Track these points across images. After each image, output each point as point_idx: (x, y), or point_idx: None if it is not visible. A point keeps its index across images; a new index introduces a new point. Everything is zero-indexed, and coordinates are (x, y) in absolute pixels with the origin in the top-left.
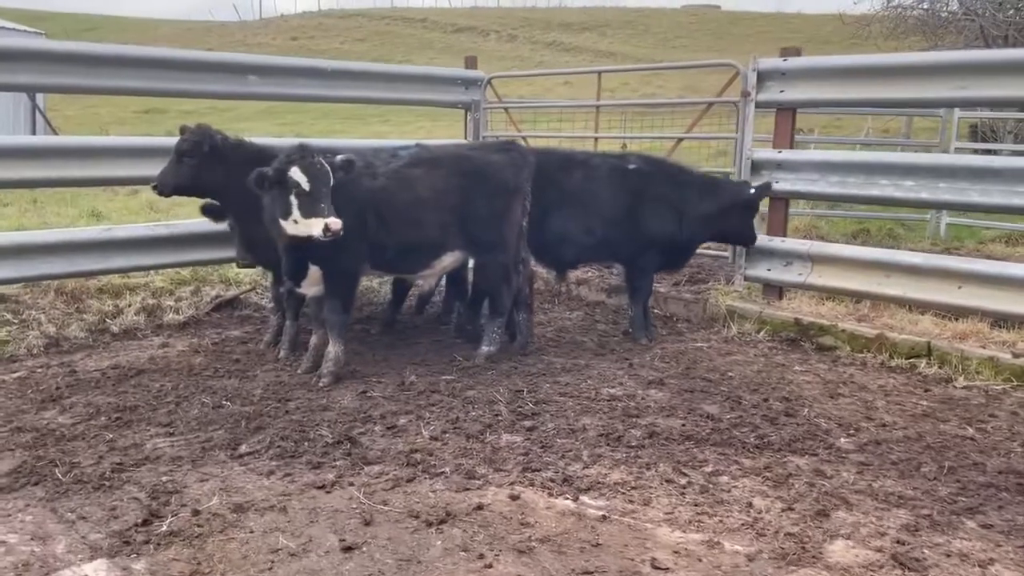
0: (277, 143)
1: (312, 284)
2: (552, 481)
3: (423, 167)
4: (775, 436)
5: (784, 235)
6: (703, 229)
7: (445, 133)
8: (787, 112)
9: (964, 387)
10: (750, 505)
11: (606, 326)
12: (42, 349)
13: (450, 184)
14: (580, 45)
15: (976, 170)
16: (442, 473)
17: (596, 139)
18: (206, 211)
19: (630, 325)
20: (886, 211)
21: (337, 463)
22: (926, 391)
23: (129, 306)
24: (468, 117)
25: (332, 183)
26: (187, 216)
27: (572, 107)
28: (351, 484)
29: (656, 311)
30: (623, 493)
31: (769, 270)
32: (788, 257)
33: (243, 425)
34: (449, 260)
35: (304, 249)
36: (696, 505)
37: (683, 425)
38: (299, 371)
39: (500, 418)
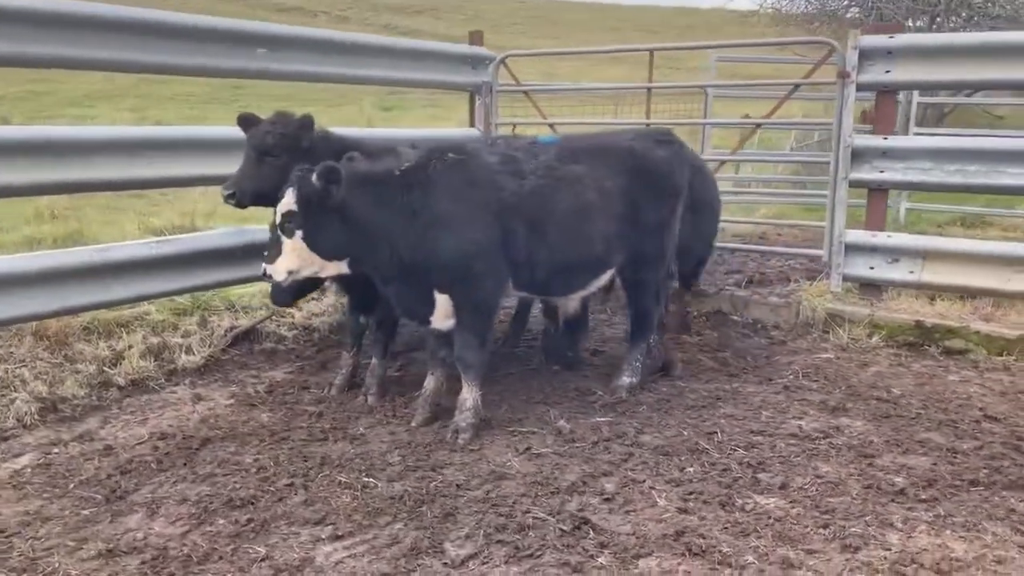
0: (358, 133)
1: (444, 317)
2: (900, 564)
3: (583, 162)
4: None
5: (883, 230)
6: None
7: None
8: (890, 95)
9: None
10: None
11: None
12: (37, 417)
13: (618, 185)
14: (418, 28)
15: None
16: (747, 565)
17: (648, 126)
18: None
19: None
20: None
21: (598, 559)
22: None
23: (130, 348)
24: (477, 102)
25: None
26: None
27: (613, 90)
28: None
29: (735, 317)
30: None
31: (872, 268)
32: (894, 253)
33: (425, 512)
34: (606, 279)
35: (424, 273)
36: None
37: (935, 465)
38: (414, 423)
39: (730, 473)
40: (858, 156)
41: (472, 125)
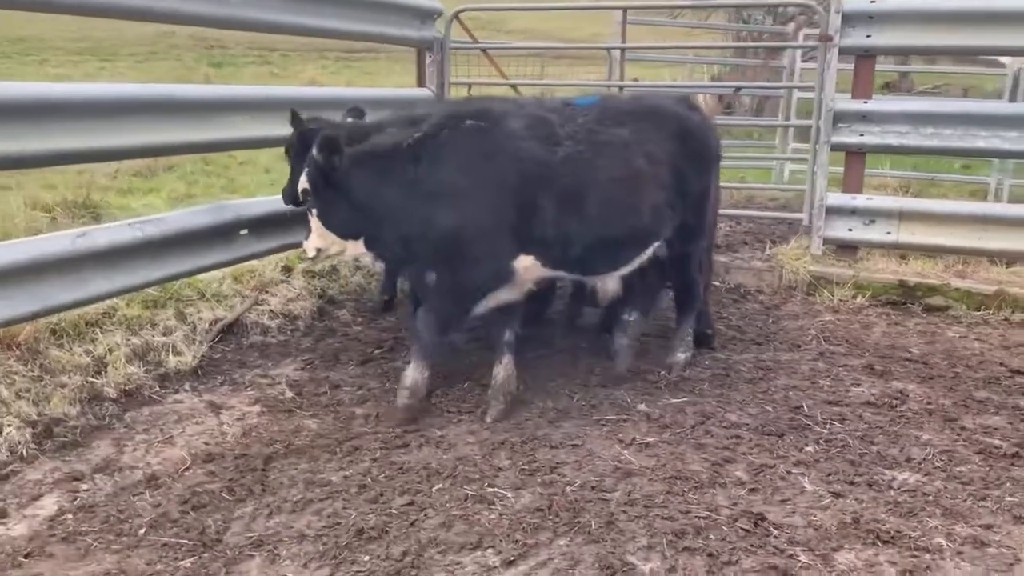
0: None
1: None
2: None
3: (628, 125)
4: None
5: (860, 192)
6: None
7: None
8: (869, 60)
9: None
10: None
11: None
12: (33, 446)
13: (666, 151)
14: None
15: None
16: (942, 548)
17: (621, 88)
18: None
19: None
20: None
21: (798, 558)
22: None
23: (111, 352)
24: (427, 60)
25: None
26: None
27: (581, 49)
28: None
29: (716, 283)
30: None
31: (850, 230)
32: (871, 215)
33: (584, 523)
34: (650, 253)
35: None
36: None
37: (1012, 423)
38: (489, 419)
39: (849, 449)
40: (839, 119)
41: (421, 85)
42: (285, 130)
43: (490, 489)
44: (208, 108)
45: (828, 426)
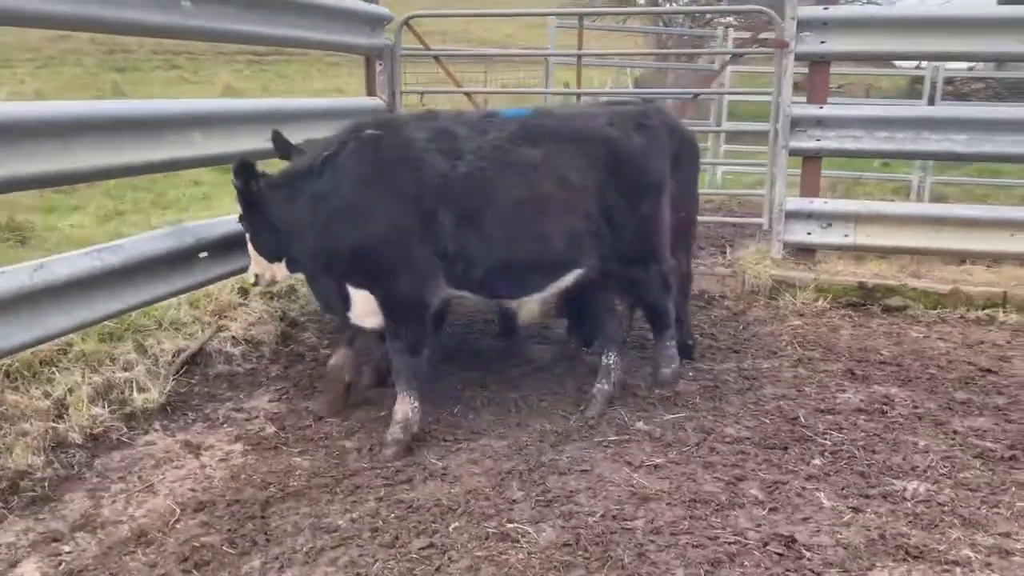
0: None
1: (365, 315)
2: None
3: (544, 146)
4: None
5: (818, 196)
6: None
7: None
8: (824, 65)
9: None
10: None
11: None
12: (1, 504)
13: (586, 178)
14: None
15: None
16: (970, 561)
17: (578, 95)
18: None
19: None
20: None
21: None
22: None
23: (71, 393)
24: (377, 68)
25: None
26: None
27: (535, 56)
28: None
29: None
30: None
31: (809, 233)
32: (828, 218)
33: (616, 557)
34: (571, 281)
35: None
36: None
37: (998, 424)
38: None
39: (855, 460)
40: (796, 124)
41: (371, 94)
42: (246, 145)
43: (510, 525)
44: (163, 125)
45: (828, 436)
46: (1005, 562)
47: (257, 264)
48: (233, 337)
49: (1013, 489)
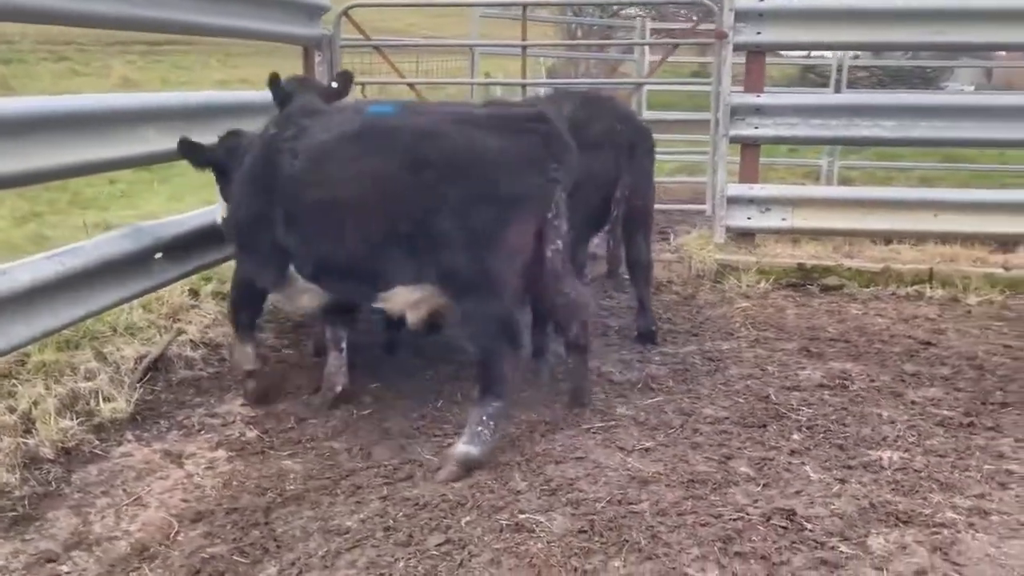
0: None
1: None
2: None
3: (363, 145)
4: None
5: (757, 182)
6: None
7: None
8: (760, 55)
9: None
10: None
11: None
12: None
13: (404, 180)
14: None
15: (963, 109)
16: (955, 523)
17: (524, 86)
18: None
19: None
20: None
21: (838, 549)
22: None
23: (36, 405)
24: (316, 58)
25: None
26: None
27: (485, 47)
28: None
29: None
30: None
31: (749, 218)
32: (766, 203)
33: (632, 541)
34: (409, 296)
35: None
36: None
37: (949, 394)
38: None
39: (830, 433)
40: (735, 113)
41: None
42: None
43: (521, 516)
44: (115, 121)
45: (800, 412)
46: (986, 522)
47: None
48: (191, 340)
49: (978, 454)
